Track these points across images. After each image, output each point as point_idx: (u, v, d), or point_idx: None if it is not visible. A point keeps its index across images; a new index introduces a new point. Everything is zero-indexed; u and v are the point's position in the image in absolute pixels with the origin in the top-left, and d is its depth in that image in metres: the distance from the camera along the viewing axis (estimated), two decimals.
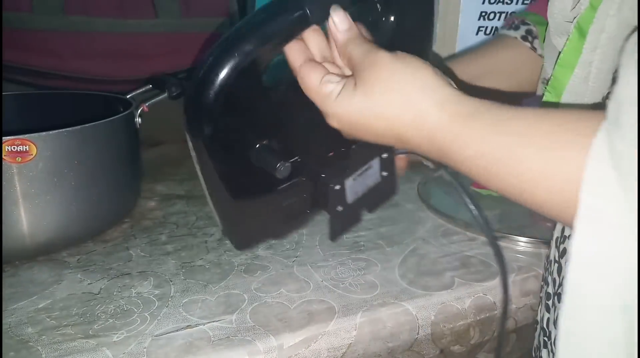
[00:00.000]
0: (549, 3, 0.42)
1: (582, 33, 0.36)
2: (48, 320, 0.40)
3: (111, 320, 0.40)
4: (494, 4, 0.69)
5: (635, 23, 0.30)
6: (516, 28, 0.58)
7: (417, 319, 0.43)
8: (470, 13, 0.69)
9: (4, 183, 0.43)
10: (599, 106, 0.36)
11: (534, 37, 0.56)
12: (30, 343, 0.37)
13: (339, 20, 0.35)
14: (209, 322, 0.40)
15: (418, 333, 0.43)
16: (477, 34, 0.70)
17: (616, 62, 0.34)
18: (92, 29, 0.73)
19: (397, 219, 0.59)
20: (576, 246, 0.23)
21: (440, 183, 0.69)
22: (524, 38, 0.57)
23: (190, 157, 0.37)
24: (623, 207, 0.22)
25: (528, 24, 0.57)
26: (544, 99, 0.42)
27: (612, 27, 0.33)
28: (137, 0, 0.75)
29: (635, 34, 0.25)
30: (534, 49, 0.56)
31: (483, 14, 0.69)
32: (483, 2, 0.69)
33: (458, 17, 0.69)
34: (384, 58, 0.33)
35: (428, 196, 0.63)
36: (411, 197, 0.64)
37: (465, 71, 0.57)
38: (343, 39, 0.35)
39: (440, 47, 0.72)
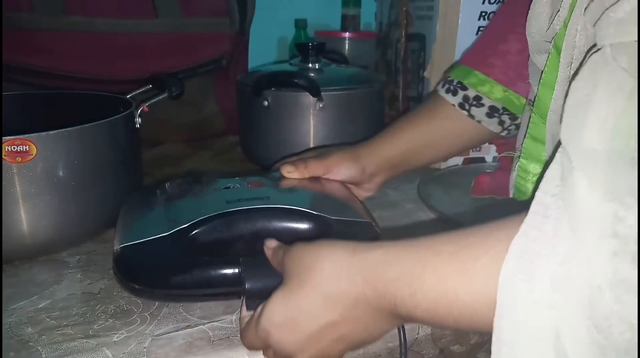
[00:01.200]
0: (527, 23, 0.42)
1: (558, 51, 0.37)
2: (48, 320, 0.40)
3: (111, 320, 0.40)
4: (494, 4, 0.69)
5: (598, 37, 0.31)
6: (454, 93, 0.56)
7: None
8: (470, 13, 0.69)
9: (4, 183, 0.43)
10: None
11: (471, 105, 0.55)
12: (30, 343, 0.37)
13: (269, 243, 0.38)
14: (209, 322, 0.40)
15: (418, 333, 0.43)
16: (477, 34, 0.70)
17: None
18: (92, 29, 0.73)
19: (397, 219, 0.59)
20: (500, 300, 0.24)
21: (440, 182, 0.69)
22: (461, 106, 0.55)
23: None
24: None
25: (466, 89, 0.55)
26: (531, 121, 0.43)
27: (582, 42, 0.34)
28: (137, 0, 0.75)
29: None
30: (471, 116, 0.55)
31: (483, 14, 0.69)
32: (483, 2, 0.69)
33: (458, 17, 0.69)
34: (293, 252, 0.34)
35: (428, 196, 0.63)
36: (411, 197, 0.64)
37: (405, 143, 0.56)
38: (269, 256, 0.37)
39: (440, 47, 0.72)
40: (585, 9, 0.32)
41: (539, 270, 0.23)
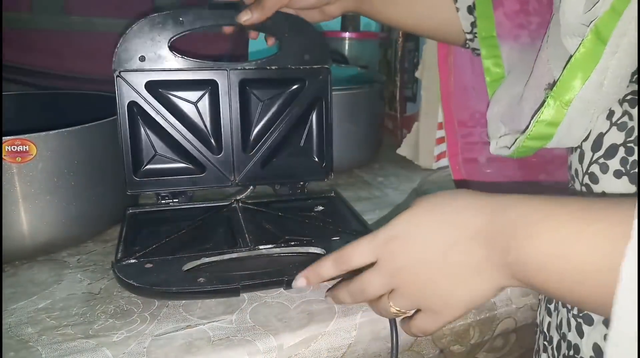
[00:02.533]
0: (561, 3, 0.38)
1: (600, 37, 0.34)
2: (48, 320, 0.40)
3: (111, 320, 0.40)
4: None
5: None
6: None
7: None
8: None
9: (4, 183, 0.43)
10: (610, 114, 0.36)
11: None
12: (30, 343, 0.37)
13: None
14: (209, 322, 0.40)
15: None
16: None
17: (633, 67, 0.34)
18: (92, 29, 0.73)
19: None
20: (626, 270, 0.24)
21: (439, 183, 0.69)
22: None
23: None
24: None
25: None
26: (545, 106, 0.38)
27: (633, 32, 0.32)
28: (137, 0, 0.75)
29: None
30: (457, 9, 0.52)
31: None
32: None
33: None
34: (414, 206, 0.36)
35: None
36: (411, 197, 0.64)
37: None
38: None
39: (431, 47, 0.71)
40: None
41: None
